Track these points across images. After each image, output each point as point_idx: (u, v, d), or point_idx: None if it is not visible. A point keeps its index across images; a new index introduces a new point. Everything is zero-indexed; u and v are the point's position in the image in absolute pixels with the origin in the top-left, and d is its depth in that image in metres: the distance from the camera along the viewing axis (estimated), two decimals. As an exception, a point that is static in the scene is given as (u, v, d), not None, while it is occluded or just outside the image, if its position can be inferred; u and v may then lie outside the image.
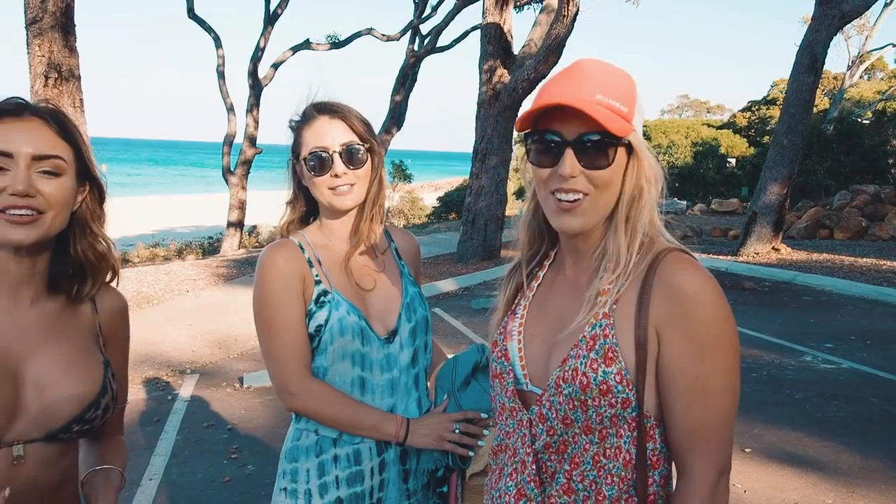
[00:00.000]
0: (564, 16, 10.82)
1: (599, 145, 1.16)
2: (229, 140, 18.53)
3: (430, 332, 1.89)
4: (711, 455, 1.14)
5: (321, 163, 1.70)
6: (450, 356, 1.90)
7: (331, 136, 1.71)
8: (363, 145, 1.74)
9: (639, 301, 1.16)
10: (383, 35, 20.51)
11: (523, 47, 13.20)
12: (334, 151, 1.70)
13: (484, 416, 1.70)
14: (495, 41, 12.40)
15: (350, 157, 1.71)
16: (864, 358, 6.53)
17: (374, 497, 1.75)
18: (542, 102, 1.16)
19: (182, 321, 8.30)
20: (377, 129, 3.02)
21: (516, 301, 1.42)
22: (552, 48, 11.27)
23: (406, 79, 20.19)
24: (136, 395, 5.80)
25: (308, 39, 19.45)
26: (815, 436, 4.67)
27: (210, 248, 18.79)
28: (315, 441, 1.74)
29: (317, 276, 1.73)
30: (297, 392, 1.69)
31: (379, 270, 1.83)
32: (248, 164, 18.55)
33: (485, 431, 1.68)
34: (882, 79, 36.70)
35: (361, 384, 1.73)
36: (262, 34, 18.49)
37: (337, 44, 19.86)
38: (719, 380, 1.13)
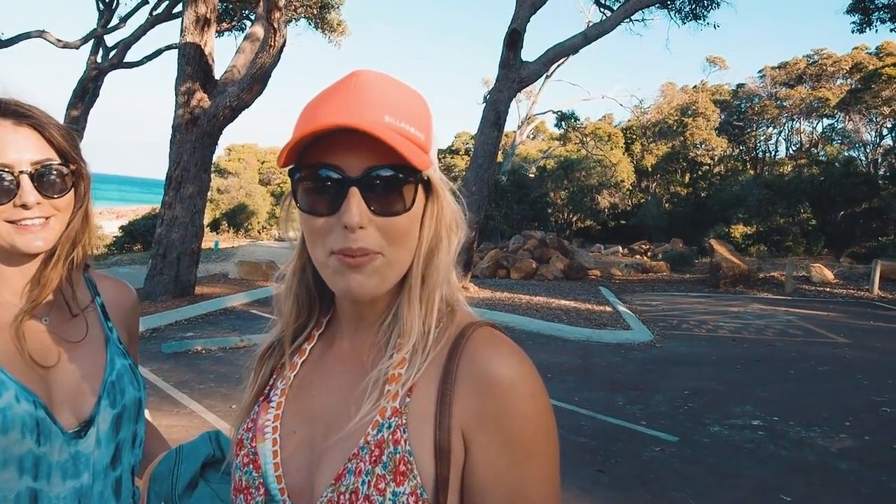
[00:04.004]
0: (271, 46, 10.53)
1: (394, 183, 0.86)
2: None
3: (143, 420, 1.41)
4: None
5: (0, 187, 1.19)
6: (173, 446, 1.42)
7: (16, 149, 1.20)
8: (66, 166, 1.25)
9: (440, 394, 0.88)
10: (59, 41, 18.04)
11: (225, 73, 12.53)
12: (21, 172, 1.19)
13: None
14: (195, 63, 11.56)
15: (45, 181, 1.22)
16: (548, 390, 7.14)
17: None
18: (315, 125, 0.83)
19: None
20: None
21: (271, 383, 1.04)
22: (257, 77, 10.87)
23: (86, 92, 17.97)
24: None
25: (-43, 32, 16.33)
26: (515, 471, 4.87)
27: None
28: None
29: None
30: None
31: (72, 335, 1.31)
32: None
33: None
34: (543, 140, 42.64)
35: (33, 499, 1.19)
36: None
37: (-3, 42, 16.96)
38: (542, 491, 0.88)
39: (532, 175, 33.35)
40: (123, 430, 1.32)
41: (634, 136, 36.28)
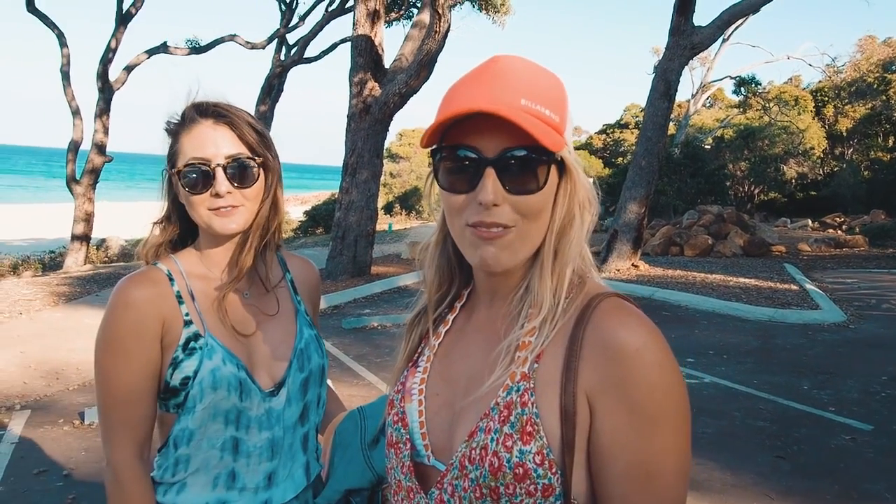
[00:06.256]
0: (436, 32, 10.79)
1: (528, 163, 0.93)
2: (74, 147, 16.94)
3: (325, 384, 1.60)
4: None
5: (200, 178, 1.38)
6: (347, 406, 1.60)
7: (214, 145, 1.39)
8: (255, 159, 1.43)
9: (566, 360, 0.93)
10: (248, 43, 19.68)
11: (394, 61, 13.04)
12: (217, 165, 1.39)
13: None
14: (366, 54, 12.15)
15: (237, 172, 1.41)
16: (723, 372, 6.83)
17: None
18: (456, 109, 0.90)
19: (13, 348, 7.32)
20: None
21: (419, 350, 1.15)
22: (424, 63, 11.19)
23: (272, 88, 19.51)
24: (-51, 438, 4.97)
25: (165, 42, 18.29)
26: (686, 453, 4.72)
27: (52, 262, 17.07)
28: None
29: (187, 314, 1.40)
30: (114, 471, 1.37)
31: (267, 308, 1.52)
32: (95, 173, 17.08)
33: None
34: (720, 108, 40.04)
35: (234, 447, 1.42)
36: (114, 34, 17.16)
37: (197, 49, 18.82)
38: (668, 461, 0.89)
39: (708, 146, 31.47)
40: (310, 392, 1.52)
41: (826, 99, 32.99)
